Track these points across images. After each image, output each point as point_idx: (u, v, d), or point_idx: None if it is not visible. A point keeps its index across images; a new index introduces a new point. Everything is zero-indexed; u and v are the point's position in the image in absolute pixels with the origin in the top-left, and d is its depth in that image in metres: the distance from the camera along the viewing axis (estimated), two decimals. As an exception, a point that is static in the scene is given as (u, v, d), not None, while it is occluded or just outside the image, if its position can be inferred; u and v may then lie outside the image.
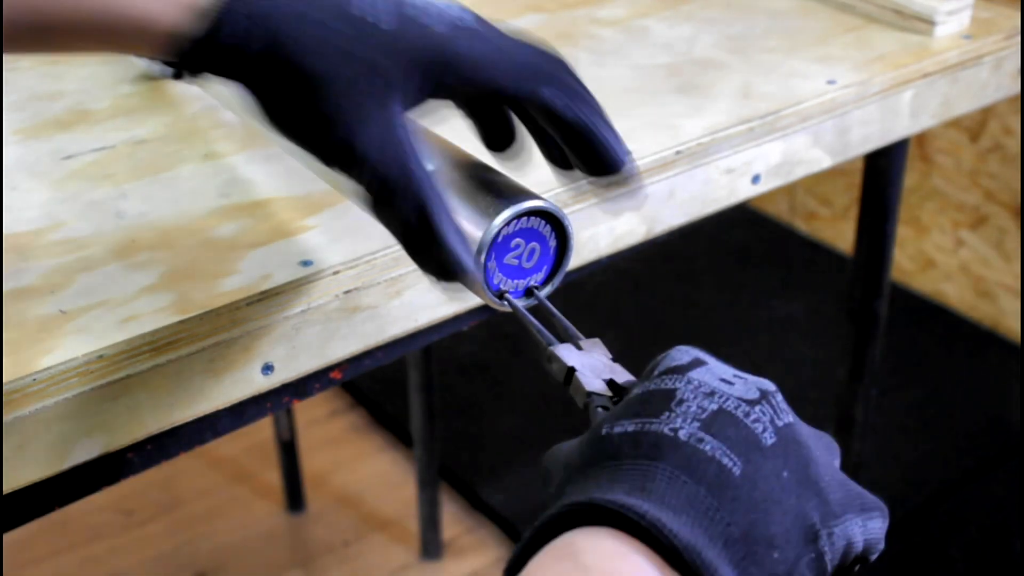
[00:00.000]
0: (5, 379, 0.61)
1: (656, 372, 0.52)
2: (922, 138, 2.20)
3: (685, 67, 0.97)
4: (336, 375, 0.76)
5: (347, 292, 0.71)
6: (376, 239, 0.73)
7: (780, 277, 2.39)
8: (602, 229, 0.82)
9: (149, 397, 0.65)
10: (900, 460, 1.90)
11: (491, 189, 0.61)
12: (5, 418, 0.60)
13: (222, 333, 0.67)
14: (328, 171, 0.68)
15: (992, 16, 1.06)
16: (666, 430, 0.48)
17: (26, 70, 0.95)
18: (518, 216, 0.60)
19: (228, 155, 0.84)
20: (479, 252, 0.60)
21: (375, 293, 0.72)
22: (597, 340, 0.62)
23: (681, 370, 0.52)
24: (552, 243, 0.62)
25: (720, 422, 0.48)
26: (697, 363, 0.52)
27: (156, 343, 0.65)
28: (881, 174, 1.14)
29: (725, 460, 0.47)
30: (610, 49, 1.00)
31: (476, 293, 0.62)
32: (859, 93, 0.94)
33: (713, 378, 0.51)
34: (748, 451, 0.48)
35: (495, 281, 0.62)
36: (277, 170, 0.81)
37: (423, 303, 0.75)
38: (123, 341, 0.64)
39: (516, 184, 0.63)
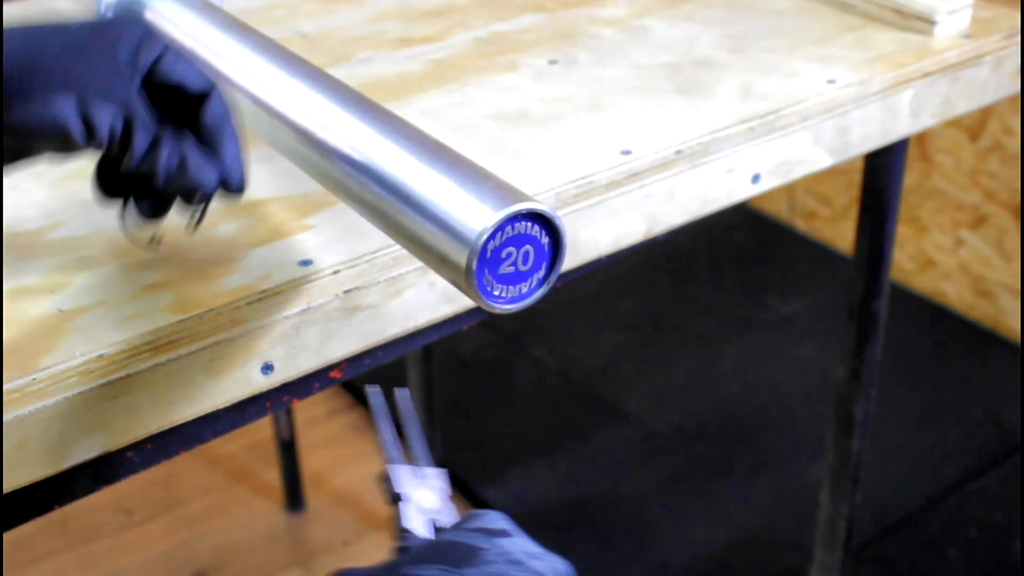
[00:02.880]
0: (5, 379, 0.61)
1: (466, 527, 0.53)
2: (922, 137, 2.20)
3: (685, 67, 0.97)
4: (336, 374, 0.76)
5: (347, 292, 0.71)
6: (375, 239, 0.73)
7: (780, 277, 2.39)
8: (602, 229, 0.82)
9: (149, 396, 0.65)
10: (900, 460, 1.90)
11: (467, 201, 0.60)
12: (5, 417, 0.60)
13: (222, 332, 0.67)
14: (326, 176, 0.69)
15: (992, 16, 1.06)
16: None
17: (26, 69, 0.95)
18: (499, 230, 0.59)
19: (228, 154, 0.84)
20: (467, 275, 0.59)
21: (375, 293, 0.72)
22: (443, 472, 0.63)
23: (492, 532, 0.54)
24: (544, 240, 0.62)
25: None
26: (506, 532, 0.54)
27: (156, 342, 0.65)
28: (881, 173, 1.14)
29: None
30: (610, 49, 1.00)
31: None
32: (859, 93, 0.94)
33: (519, 549, 0.53)
34: None
35: (495, 293, 0.61)
36: (275, 170, 0.81)
37: (423, 303, 0.75)
38: (123, 340, 0.64)
39: (496, 188, 0.61)
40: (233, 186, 0.64)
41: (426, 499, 0.61)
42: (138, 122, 0.60)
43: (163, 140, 0.61)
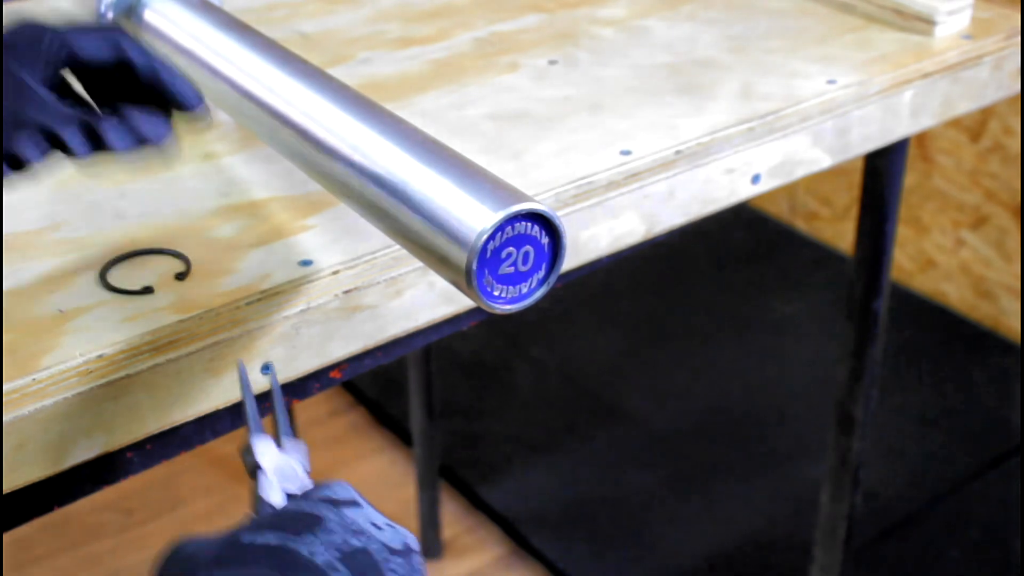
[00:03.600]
0: (5, 379, 0.61)
1: (313, 496, 0.54)
2: (922, 138, 2.20)
3: (686, 67, 0.97)
4: (336, 375, 0.76)
5: (347, 292, 0.71)
6: (375, 239, 0.73)
7: (780, 277, 2.39)
8: (602, 229, 0.82)
9: (149, 397, 0.65)
10: (900, 460, 1.90)
11: (467, 202, 0.60)
12: (5, 418, 0.60)
13: (222, 333, 0.67)
14: (326, 176, 0.69)
15: (992, 16, 1.06)
16: (304, 551, 0.50)
17: (26, 69, 0.95)
18: (499, 230, 0.59)
19: (226, 155, 0.84)
20: (467, 275, 0.59)
21: (375, 293, 0.72)
22: (302, 443, 0.64)
23: (336, 503, 0.54)
24: (544, 240, 0.62)
25: (360, 560, 0.51)
26: (354, 503, 0.54)
27: (156, 343, 0.65)
28: (881, 174, 1.14)
29: None
30: (611, 49, 1.00)
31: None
32: (859, 93, 0.94)
33: (365, 520, 0.53)
34: None
35: (495, 293, 0.61)
36: (276, 170, 0.81)
37: (423, 303, 0.75)
38: (123, 341, 0.64)
39: (496, 188, 0.61)
40: (190, 105, 0.65)
41: (285, 472, 0.62)
42: (64, 131, 0.60)
43: (105, 129, 0.61)
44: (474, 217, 0.59)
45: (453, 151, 0.65)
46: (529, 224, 0.60)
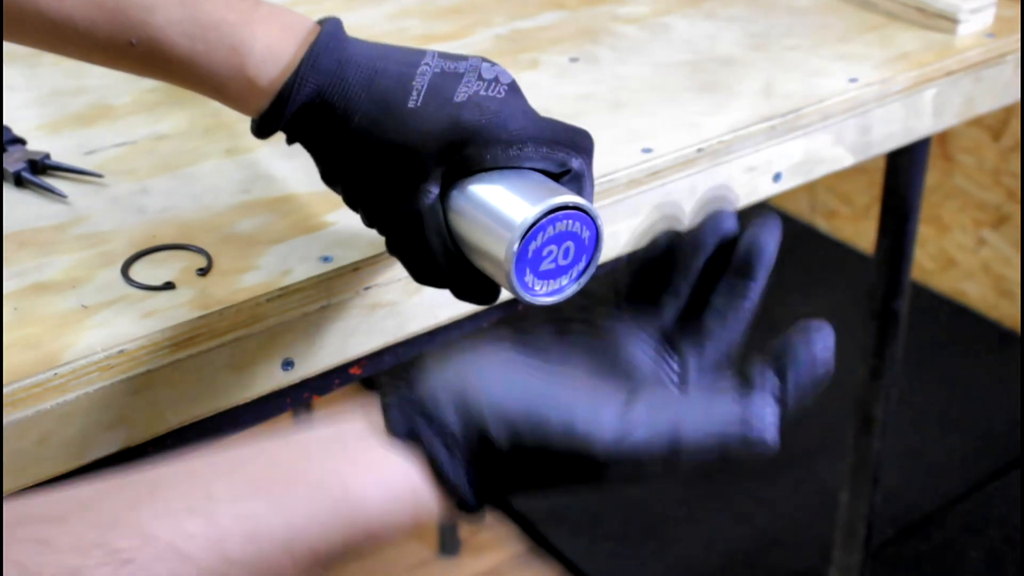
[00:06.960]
0: (27, 373, 0.61)
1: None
2: (944, 136, 2.19)
3: (707, 65, 0.97)
4: (356, 371, 0.76)
5: (367, 288, 0.71)
6: (396, 235, 0.73)
7: (800, 276, 2.38)
8: (622, 227, 0.82)
9: (170, 392, 0.65)
10: (920, 460, 1.89)
11: (510, 202, 0.61)
12: (27, 412, 0.61)
13: (242, 329, 0.67)
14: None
15: (1015, 14, 1.05)
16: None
17: (49, 66, 0.95)
18: (540, 228, 0.60)
19: (249, 151, 0.84)
20: (509, 283, 0.60)
21: (395, 289, 0.72)
22: None
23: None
24: (584, 233, 0.62)
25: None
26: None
27: (177, 338, 0.65)
28: (902, 173, 1.14)
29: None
30: (632, 46, 1.00)
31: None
32: (881, 91, 0.94)
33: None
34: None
35: (538, 290, 0.62)
36: (298, 166, 0.81)
37: (443, 300, 0.75)
38: (144, 336, 0.64)
39: (538, 184, 0.62)
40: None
41: None
42: None
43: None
44: (516, 210, 0.60)
45: None
46: (568, 221, 0.61)
